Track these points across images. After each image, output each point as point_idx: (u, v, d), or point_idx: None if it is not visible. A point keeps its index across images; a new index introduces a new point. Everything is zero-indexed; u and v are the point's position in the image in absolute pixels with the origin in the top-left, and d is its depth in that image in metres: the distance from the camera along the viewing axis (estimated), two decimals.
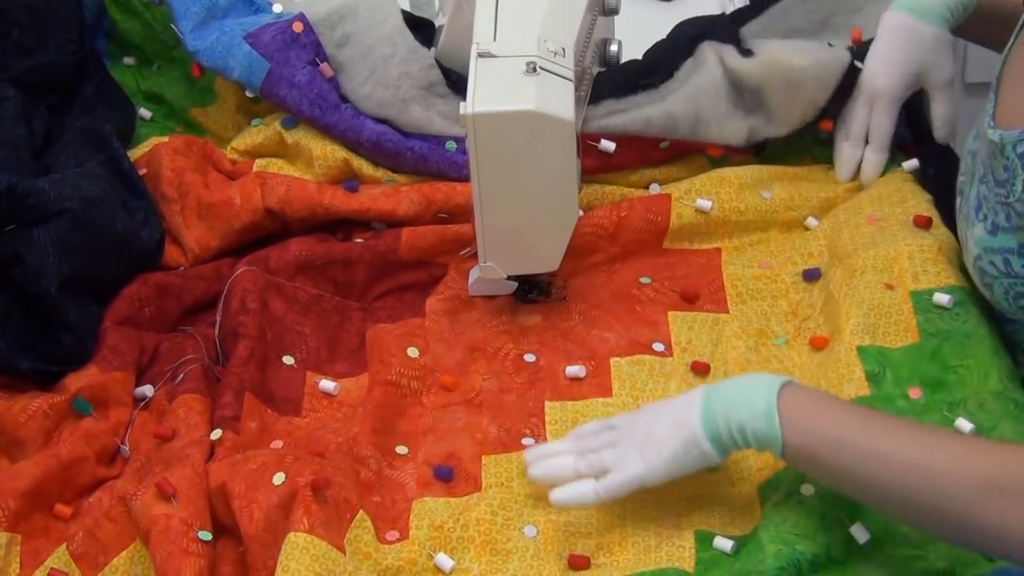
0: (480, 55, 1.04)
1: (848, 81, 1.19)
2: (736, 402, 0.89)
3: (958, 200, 1.07)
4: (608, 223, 1.18)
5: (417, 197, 1.21)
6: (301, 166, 1.26)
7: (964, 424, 0.94)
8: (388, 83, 1.22)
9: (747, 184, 1.19)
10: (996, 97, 1.01)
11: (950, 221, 1.10)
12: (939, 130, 1.20)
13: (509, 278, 1.13)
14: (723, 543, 0.92)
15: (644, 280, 1.17)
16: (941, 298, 1.02)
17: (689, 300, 1.15)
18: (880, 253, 1.08)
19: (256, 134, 1.28)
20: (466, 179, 1.20)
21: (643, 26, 1.28)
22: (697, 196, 1.18)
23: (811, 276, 1.14)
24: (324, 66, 1.23)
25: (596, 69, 1.22)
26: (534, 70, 1.02)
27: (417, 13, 1.32)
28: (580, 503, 0.94)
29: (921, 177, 1.21)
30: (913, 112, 1.24)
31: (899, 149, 1.23)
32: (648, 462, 0.91)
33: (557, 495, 0.94)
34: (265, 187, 1.22)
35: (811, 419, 0.87)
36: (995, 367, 0.97)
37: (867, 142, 1.20)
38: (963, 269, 1.06)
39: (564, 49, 1.07)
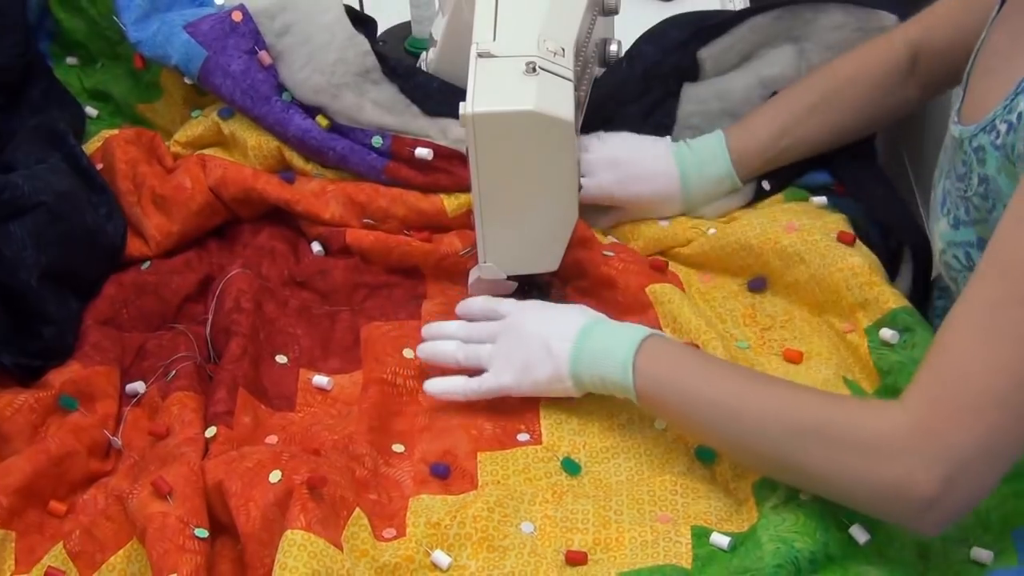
0: (480, 55, 1.04)
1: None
2: (601, 353, 0.98)
3: (931, 195, 1.09)
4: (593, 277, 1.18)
5: (342, 198, 1.22)
6: (239, 156, 1.26)
7: None
8: (324, 68, 1.22)
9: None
10: (964, 92, 1.03)
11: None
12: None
13: (509, 278, 1.13)
14: (720, 539, 0.92)
15: (607, 253, 1.18)
16: (886, 334, 1.04)
17: (659, 269, 1.18)
18: (820, 283, 1.10)
19: (196, 125, 1.29)
20: (384, 183, 1.23)
21: (643, 26, 1.28)
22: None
23: (757, 286, 1.16)
24: (263, 54, 1.23)
25: (596, 69, 1.22)
26: (534, 70, 1.02)
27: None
28: (449, 397, 1.05)
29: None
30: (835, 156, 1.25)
31: (829, 192, 1.23)
32: (517, 379, 1.02)
33: (430, 386, 1.06)
34: (206, 168, 1.23)
35: (663, 371, 0.96)
36: None
37: None
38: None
39: (564, 49, 1.07)
